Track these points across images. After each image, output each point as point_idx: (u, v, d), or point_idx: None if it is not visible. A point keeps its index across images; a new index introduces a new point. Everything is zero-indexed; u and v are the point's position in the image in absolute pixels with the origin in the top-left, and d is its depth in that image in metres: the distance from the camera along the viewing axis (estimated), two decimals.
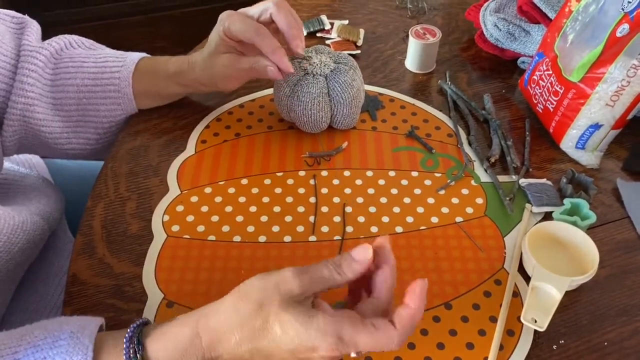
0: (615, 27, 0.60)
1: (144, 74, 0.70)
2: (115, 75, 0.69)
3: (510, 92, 0.80)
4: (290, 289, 0.44)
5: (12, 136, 0.69)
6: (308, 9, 0.95)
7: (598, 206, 0.66)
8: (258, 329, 0.44)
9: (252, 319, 0.44)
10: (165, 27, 1.84)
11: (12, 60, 0.68)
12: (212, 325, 0.45)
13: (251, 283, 0.45)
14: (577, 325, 0.55)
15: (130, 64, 0.70)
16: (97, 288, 0.58)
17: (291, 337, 0.43)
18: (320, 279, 0.45)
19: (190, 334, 0.45)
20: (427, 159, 0.70)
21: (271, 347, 0.44)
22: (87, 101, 0.70)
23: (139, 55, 0.72)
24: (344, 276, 0.45)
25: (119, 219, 0.64)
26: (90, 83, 0.69)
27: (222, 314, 0.45)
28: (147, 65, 0.71)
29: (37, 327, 0.46)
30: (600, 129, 0.67)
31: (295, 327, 0.43)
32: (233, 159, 0.70)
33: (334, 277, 0.45)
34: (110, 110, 0.71)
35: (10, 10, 0.71)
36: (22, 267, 0.67)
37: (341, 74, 0.68)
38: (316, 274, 0.45)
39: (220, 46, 0.67)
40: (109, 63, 0.70)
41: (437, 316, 0.55)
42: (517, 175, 0.68)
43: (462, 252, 0.61)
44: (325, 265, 0.45)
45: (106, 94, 0.70)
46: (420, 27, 0.81)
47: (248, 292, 0.45)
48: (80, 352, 0.44)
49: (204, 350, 0.45)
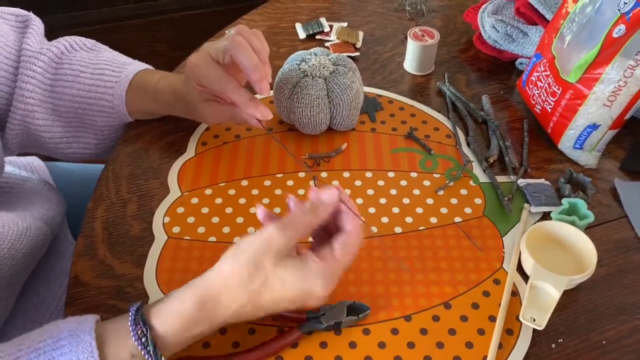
0: (612, 27, 0.61)
1: (136, 93, 0.70)
2: (109, 91, 0.69)
3: (509, 93, 0.81)
4: (278, 246, 0.48)
5: (14, 138, 0.70)
6: (307, 11, 0.95)
7: (596, 206, 0.66)
8: (258, 289, 0.47)
9: (251, 281, 0.47)
10: (165, 31, 1.84)
11: (15, 63, 0.68)
12: (213, 293, 0.47)
13: (242, 250, 0.48)
14: (576, 323, 0.56)
15: (124, 81, 0.69)
16: (98, 289, 0.58)
17: (291, 287, 0.48)
18: (301, 226, 0.49)
19: (195, 306, 0.46)
20: (426, 159, 0.71)
21: (273, 300, 0.48)
22: (83, 112, 0.70)
23: (135, 68, 0.71)
24: (318, 218, 0.50)
25: (120, 221, 0.64)
26: (85, 95, 0.69)
27: (221, 282, 0.47)
28: (140, 84, 0.69)
29: (34, 332, 0.46)
30: (597, 129, 0.68)
31: (293, 278, 0.48)
32: (233, 161, 0.70)
33: (311, 221, 0.50)
34: (106, 122, 0.71)
35: (14, 8, 0.71)
36: (25, 272, 0.67)
37: (340, 76, 0.68)
38: (297, 224, 0.49)
39: (195, 94, 0.65)
40: (105, 77, 0.69)
41: (437, 315, 0.56)
42: (516, 175, 0.69)
43: (461, 252, 0.61)
44: (303, 213, 0.50)
45: (100, 107, 0.70)
46: (419, 29, 0.82)
47: (241, 258, 0.47)
48: (85, 350, 0.44)
49: (211, 318, 0.47)
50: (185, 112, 0.70)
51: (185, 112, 0.70)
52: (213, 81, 0.62)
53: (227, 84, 0.62)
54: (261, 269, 0.47)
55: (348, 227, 0.51)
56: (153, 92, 0.69)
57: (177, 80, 0.68)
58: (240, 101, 0.61)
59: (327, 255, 0.50)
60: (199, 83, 0.63)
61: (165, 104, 0.69)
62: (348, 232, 0.51)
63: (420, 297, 0.57)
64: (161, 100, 0.69)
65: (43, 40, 0.71)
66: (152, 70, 0.73)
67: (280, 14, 0.95)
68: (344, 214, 0.52)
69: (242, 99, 0.61)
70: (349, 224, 0.51)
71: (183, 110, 0.70)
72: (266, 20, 0.94)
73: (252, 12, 0.95)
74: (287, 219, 0.49)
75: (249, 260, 0.47)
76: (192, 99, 0.66)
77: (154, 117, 0.74)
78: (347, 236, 0.51)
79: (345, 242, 0.50)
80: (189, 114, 0.70)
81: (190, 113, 0.69)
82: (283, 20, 0.94)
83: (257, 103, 0.62)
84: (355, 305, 0.55)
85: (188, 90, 0.65)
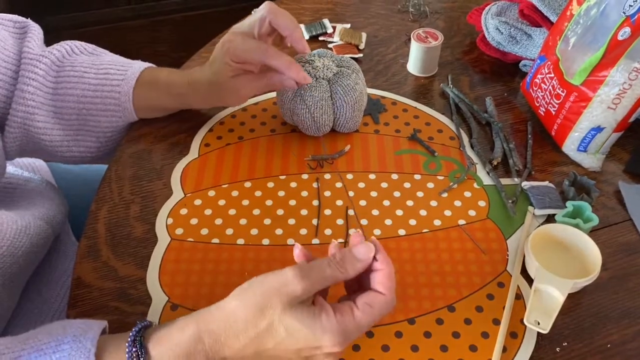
0: (617, 30, 0.60)
1: (145, 89, 0.70)
2: (116, 89, 0.69)
3: (512, 95, 0.80)
4: (292, 292, 0.44)
5: (13, 142, 0.69)
6: (310, 12, 0.95)
7: (600, 209, 0.66)
8: (263, 333, 0.44)
9: (256, 324, 0.44)
10: (167, 31, 1.84)
11: (14, 67, 0.68)
12: (214, 329, 0.45)
13: (252, 288, 0.45)
14: (580, 327, 0.55)
15: (132, 78, 0.69)
16: (101, 291, 0.58)
17: (296, 338, 0.44)
18: (322, 279, 0.45)
19: (193, 339, 0.45)
20: (430, 161, 0.71)
21: (277, 348, 0.45)
22: (87, 112, 0.70)
23: (141, 66, 0.71)
24: (346, 274, 0.46)
25: (123, 222, 0.64)
26: (90, 95, 0.69)
27: (224, 319, 0.45)
28: (149, 79, 0.70)
29: (40, 332, 0.46)
30: (602, 131, 0.67)
31: (300, 328, 0.44)
32: (236, 162, 0.70)
33: (336, 276, 0.46)
34: (110, 122, 0.71)
35: (12, 15, 0.71)
36: (26, 272, 0.67)
37: (344, 78, 0.68)
38: (319, 275, 0.45)
39: (227, 71, 0.66)
40: (110, 75, 0.69)
41: (441, 318, 0.56)
42: (520, 178, 0.68)
43: (465, 254, 0.61)
44: (328, 265, 0.46)
45: (106, 106, 0.70)
46: (422, 31, 0.82)
47: (249, 298, 0.45)
48: (82, 355, 0.44)
49: (207, 354, 0.45)
50: (203, 100, 0.71)
51: (202, 100, 0.71)
52: (253, 51, 0.64)
53: (267, 50, 0.64)
54: (268, 313, 0.44)
55: (379, 288, 0.47)
56: (166, 86, 0.70)
57: (189, 72, 0.70)
58: (283, 64, 0.64)
59: (346, 311, 0.45)
60: (237, 58, 0.64)
61: (178, 95, 0.70)
62: (376, 294, 0.46)
63: (424, 300, 0.57)
64: (175, 92, 0.70)
65: (43, 45, 0.71)
66: (158, 68, 0.73)
67: None
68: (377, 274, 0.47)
69: (284, 62, 0.64)
70: (380, 286, 0.47)
71: (199, 99, 0.71)
72: None
73: None
74: (310, 268, 0.45)
75: (256, 301, 0.44)
76: (220, 78, 0.67)
77: (163, 113, 0.74)
78: (375, 298, 0.46)
79: (371, 303, 0.46)
80: (208, 100, 0.71)
81: (212, 97, 0.70)
82: None
83: (298, 66, 0.65)
84: None
85: (217, 70, 0.66)
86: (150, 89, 0.70)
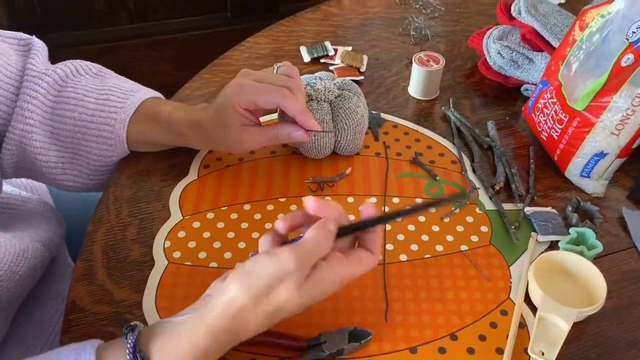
0: (620, 56, 0.60)
1: (142, 120, 0.67)
2: (112, 115, 0.67)
3: (514, 120, 0.80)
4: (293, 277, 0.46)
5: (10, 159, 0.67)
6: (312, 34, 0.95)
7: (604, 235, 0.65)
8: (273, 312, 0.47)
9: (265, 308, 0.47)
10: (169, 51, 1.85)
11: (16, 83, 0.66)
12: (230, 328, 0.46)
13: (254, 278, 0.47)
14: (586, 358, 0.54)
15: (131, 107, 0.67)
16: (96, 315, 0.57)
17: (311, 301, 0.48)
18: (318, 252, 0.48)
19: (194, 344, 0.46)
20: (431, 185, 0.70)
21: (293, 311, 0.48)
22: (82, 136, 0.67)
23: (143, 96, 0.69)
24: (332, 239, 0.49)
25: (120, 245, 0.63)
26: (87, 119, 0.66)
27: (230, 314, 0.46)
28: (150, 112, 0.68)
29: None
30: (605, 157, 0.67)
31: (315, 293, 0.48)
32: (236, 185, 0.69)
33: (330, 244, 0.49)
34: (101, 150, 0.68)
35: (17, 32, 0.70)
36: (22, 294, 0.66)
37: (345, 101, 0.68)
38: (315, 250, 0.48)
39: (234, 120, 0.64)
40: (110, 102, 0.67)
41: (443, 347, 0.54)
42: (522, 203, 0.68)
43: (468, 281, 0.60)
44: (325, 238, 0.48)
45: (100, 132, 0.67)
46: (424, 54, 0.82)
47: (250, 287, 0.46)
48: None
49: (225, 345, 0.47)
50: (203, 143, 0.69)
51: (202, 143, 0.69)
52: (267, 93, 0.62)
53: (281, 91, 0.62)
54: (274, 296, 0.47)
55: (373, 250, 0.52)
56: (167, 123, 0.67)
57: (192, 111, 0.67)
58: (298, 109, 0.62)
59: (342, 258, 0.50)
60: (248, 104, 0.63)
61: (178, 135, 0.67)
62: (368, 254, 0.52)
63: (426, 328, 0.56)
64: (175, 132, 0.67)
65: (47, 62, 0.70)
66: (164, 100, 0.71)
67: (284, 36, 0.95)
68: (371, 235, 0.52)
69: (300, 106, 0.62)
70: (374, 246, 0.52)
71: (199, 141, 0.68)
72: (271, 43, 0.93)
73: (257, 35, 0.95)
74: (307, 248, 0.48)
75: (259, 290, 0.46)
76: (226, 126, 0.64)
77: (157, 149, 0.72)
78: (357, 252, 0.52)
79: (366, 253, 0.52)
80: (209, 144, 0.69)
81: (214, 142, 0.68)
82: (288, 42, 0.94)
83: (311, 114, 0.64)
84: (357, 332, 0.54)
85: (223, 117, 0.64)
86: (149, 121, 0.67)
